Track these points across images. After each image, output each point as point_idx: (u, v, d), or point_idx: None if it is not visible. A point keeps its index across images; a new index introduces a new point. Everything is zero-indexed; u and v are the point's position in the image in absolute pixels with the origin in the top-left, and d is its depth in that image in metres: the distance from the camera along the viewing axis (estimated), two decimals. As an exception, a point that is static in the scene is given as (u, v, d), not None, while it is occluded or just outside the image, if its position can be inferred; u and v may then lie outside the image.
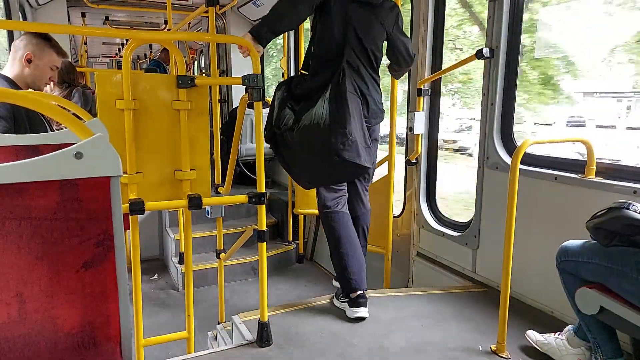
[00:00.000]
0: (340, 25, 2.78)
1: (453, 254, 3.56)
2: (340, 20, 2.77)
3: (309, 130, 2.66)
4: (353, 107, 2.68)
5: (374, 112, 2.87)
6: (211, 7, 3.47)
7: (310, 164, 2.83)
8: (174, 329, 2.97)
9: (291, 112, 2.78)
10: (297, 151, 2.82)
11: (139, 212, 2.19)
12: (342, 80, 2.70)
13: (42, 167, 1.00)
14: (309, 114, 2.71)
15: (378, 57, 2.91)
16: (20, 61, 2.51)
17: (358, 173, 2.88)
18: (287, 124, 2.77)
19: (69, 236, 1.05)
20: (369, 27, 2.83)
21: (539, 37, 3.45)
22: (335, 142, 2.61)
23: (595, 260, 1.98)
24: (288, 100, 2.82)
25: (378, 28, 2.87)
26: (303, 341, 2.54)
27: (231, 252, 3.31)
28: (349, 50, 2.77)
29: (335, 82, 2.72)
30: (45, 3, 5.42)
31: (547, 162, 2.90)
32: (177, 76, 2.33)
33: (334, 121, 2.63)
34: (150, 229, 5.60)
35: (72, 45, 8.41)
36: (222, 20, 6.67)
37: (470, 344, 2.51)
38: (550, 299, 2.79)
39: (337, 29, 2.78)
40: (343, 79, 2.71)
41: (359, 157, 2.66)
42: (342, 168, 2.72)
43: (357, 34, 2.79)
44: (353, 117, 2.65)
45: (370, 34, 2.83)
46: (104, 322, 1.10)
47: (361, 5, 2.81)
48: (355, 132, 2.65)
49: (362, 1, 2.81)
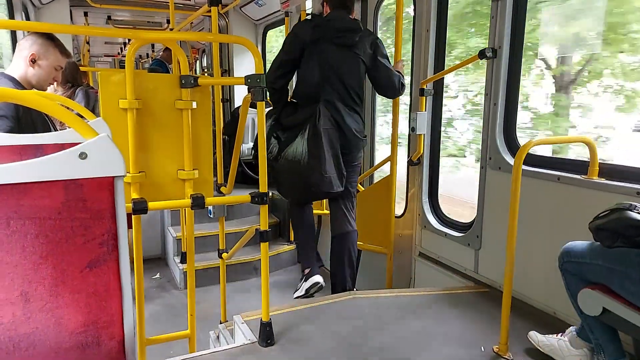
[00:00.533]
0: (319, 68, 3.12)
1: (455, 254, 3.55)
2: (319, 63, 3.11)
3: (291, 164, 3.10)
4: (328, 146, 3.08)
5: (351, 141, 3.22)
6: (214, 7, 3.47)
7: (292, 186, 3.29)
8: (176, 328, 2.97)
9: (276, 142, 3.18)
10: (280, 174, 3.24)
11: (142, 211, 2.19)
12: (318, 122, 3.06)
13: (46, 167, 1.01)
14: (291, 149, 3.13)
15: (358, 91, 3.23)
16: (24, 61, 2.50)
17: (331, 194, 3.30)
18: (272, 152, 3.18)
19: (74, 236, 1.05)
20: (346, 66, 3.14)
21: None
22: (313, 177, 3.07)
23: (598, 261, 1.98)
24: (275, 129, 3.20)
25: (356, 64, 3.17)
26: (305, 341, 2.55)
27: (233, 252, 3.32)
28: (328, 89, 3.13)
29: (312, 122, 3.07)
30: (48, 2, 5.43)
31: (550, 163, 2.90)
32: (180, 76, 2.33)
33: (311, 158, 3.05)
34: (151, 228, 5.61)
35: (75, 45, 8.42)
36: (224, 20, 6.67)
37: (472, 345, 2.51)
38: (553, 299, 2.79)
39: (316, 72, 3.12)
40: (319, 121, 3.06)
41: (332, 186, 3.12)
42: (317, 193, 3.26)
43: (336, 73, 3.12)
44: (328, 154, 3.08)
45: (348, 72, 3.15)
46: (107, 322, 1.10)
47: (338, 47, 3.12)
48: (329, 169, 3.08)
49: (338, 43, 3.11)
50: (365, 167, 4.71)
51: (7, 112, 2.34)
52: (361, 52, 3.17)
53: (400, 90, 3.34)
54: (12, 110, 2.37)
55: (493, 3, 3.08)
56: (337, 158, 3.13)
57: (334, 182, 3.11)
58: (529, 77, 3.45)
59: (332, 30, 3.10)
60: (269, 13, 6.06)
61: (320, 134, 3.05)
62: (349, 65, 3.15)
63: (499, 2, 3.04)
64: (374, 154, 4.72)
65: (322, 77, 3.12)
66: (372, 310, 2.88)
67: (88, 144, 1.04)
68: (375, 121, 4.72)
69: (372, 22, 4.44)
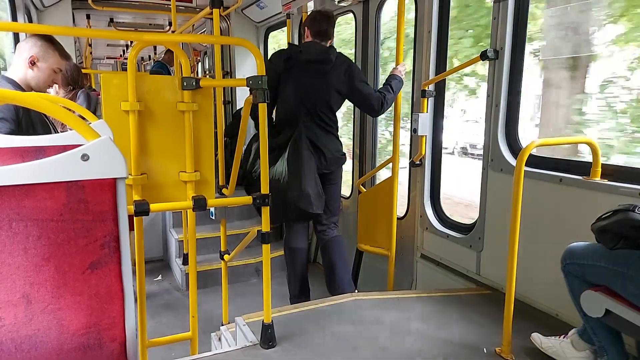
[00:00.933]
0: (294, 95, 3.32)
1: (457, 256, 3.55)
2: (294, 90, 3.31)
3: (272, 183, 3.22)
4: (307, 166, 3.26)
5: (330, 160, 3.43)
6: (215, 9, 3.47)
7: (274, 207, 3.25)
8: (177, 330, 2.97)
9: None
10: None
11: (144, 213, 2.19)
12: (298, 144, 3.27)
13: (49, 168, 1.01)
14: (272, 169, 3.30)
15: (331, 115, 3.46)
16: (24, 63, 2.51)
17: (310, 217, 3.51)
18: (256, 172, 3.34)
19: (75, 237, 1.05)
20: (319, 93, 3.34)
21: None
22: (291, 194, 3.24)
23: (600, 263, 1.97)
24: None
25: (327, 92, 3.37)
26: (307, 343, 2.54)
27: (235, 254, 3.31)
28: (304, 113, 3.33)
29: (292, 144, 3.28)
30: (50, 5, 5.45)
31: (552, 164, 2.89)
32: (182, 78, 2.33)
33: (292, 178, 3.24)
34: (153, 229, 5.61)
35: (77, 47, 8.43)
36: (226, 22, 6.68)
37: (474, 347, 2.51)
38: (555, 301, 2.78)
39: (292, 98, 3.32)
40: (299, 142, 3.27)
41: (312, 206, 3.29)
42: (298, 213, 3.36)
43: (310, 99, 3.33)
44: (308, 174, 3.26)
45: (321, 99, 3.35)
46: (109, 324, 1.10)
47: (313, 74, 3.31)
48: (309, 187, 3.25)
49: (313, 70, 3.29)
50: (367, 168, 4.71)
51: (6, 114, 2.35)
52: (335, 81, 3.35)
53: (379, 110, 3.48)
54: (12, 112, 2.38)
55: (495, 4, 3.08)
56: (316, 179, 3.33)
57: (313, 201, 3.28)
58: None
59: (304, 62, 3.32)
60: (270, 15, 6.07)
61: (299, 155, 3.26)
62: (321, 92, 3.36)
63: (501, 3, 3.04)
64: (375, 155, 4.72)
65: (298, 103, 3.34)
66: (373, 312, 2.87)
67: (90, 146, 1.04)
68: (376, 124, 4.72)
69: (374, 24, 4.45)
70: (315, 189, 3.30)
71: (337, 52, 3.43)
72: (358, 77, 3.41)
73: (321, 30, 3.35)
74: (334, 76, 3.34)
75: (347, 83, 3.37)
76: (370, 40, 4.53)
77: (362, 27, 4.59)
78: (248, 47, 2.32)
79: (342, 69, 3.36)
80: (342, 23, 5.48)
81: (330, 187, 3.52)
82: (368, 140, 4.72)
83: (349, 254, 4.62)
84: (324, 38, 3.37)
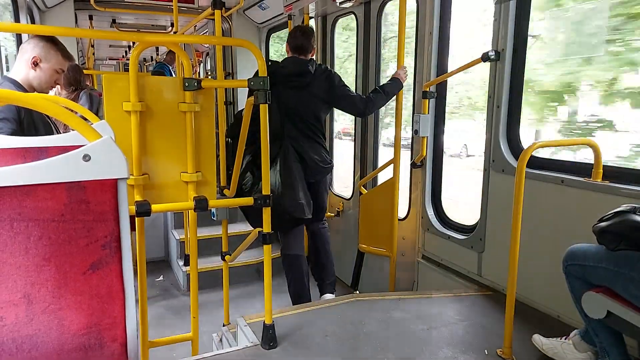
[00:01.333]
0: (279, 109, 3.45)
1: (458, 257, 3.55)
2: (278, 105, 3.42)
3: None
4: (297, 176, 3.45)
5: (315, 170, 3.59)
6: (217, 10, 3.48)
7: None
8: (178, 331, 2.98)
9: (251, 176, 3.44)
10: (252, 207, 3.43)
11: (145, 214, 2.20)
12: (286, 157, 3.45)
13: (50, 169, 1.01)
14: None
15: (317, 124, 3.59)
16: (27, 64, 2.52)
17: (302, 221, 3.65)
18: (247, 185, 3.43)
19: (77, 238, 1.05)
20: (303, 105, 3.51)
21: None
22: (287, 204, 3.39)
23: (602, 264, 1.97)
24: (251, 166, 3.43)
25: (312, 103, 3.53)
26: (308, 344, 2.54)
27: (236, 254, 3.32)
28: (290, 127, 3.51)
29: (281, 157, 3.44)
30: (53, 6, 5.46)
31: (554, 165, 2.89)
32: (184, 79, 2.34)
33: (285, 188, 3.39)
34: (154, 230, 5.62)
35: (80, 48, 8.46)
36: (227, 23, 6.69)
37: (476, 348, 2.50)
38: (557, 302, 2.77)
39: (277, 112, 3.44)
40: (287, 155, 3.45)
41: (304, 213, 3.47)
42: (291, 220, 3.53)
43: (294, 112, 3.50)
44: (299, 183, 3.44)
45: (305, 111, 3.51)
46: (110, 324, 1.10)
47: (295, 87, 3.49)
48: (301, 195, 3.43)
49: (295, 83, 3.48)
50: (368, 169, 4.71)
51: (8, 114, 2.35)
52: (316, 91, 3.52)
53: (365, 111, 3.63)
54: (14, 112, 2.38)
55: (496, 6, 3.08)
56: (305, 188, 3.53)
57: (305, 209, 3.47)
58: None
59: (284, 76, 3.49)
60: (272, 16, 6.07)
61: (290, 168, 3.43)
62: (305, 104, 3.52)
63: (502, 4, 3.03)
64: (377, 156, 4.72)
65: (283, 117, 3.50)
66: (375, 313, 2.87)
67: (92, 146, 1.04)
68: (378, 125, 4.72)
69: (376, 26, 4.45)
70: (306, 198, 3.51)
71: (316, 63, 3.62)
72: (338, 83, 3.58)
73: (298, 45, 3.56)
74: (316, 86, 3.52)
75: (329, 90, 3.55)
76: (372, 42, 4.53)
77: (364, 28, 4.60)
78: (250, 48, 2.33)
79: (322, 78, 3.55)
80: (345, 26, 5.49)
81: (316, 197, 3.68)
82: (369, 141, 4.73)
83: (351, 255, 4.63)
84: (302, 52, 3.57)
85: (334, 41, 5.24)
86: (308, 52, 3.59)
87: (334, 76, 3.60)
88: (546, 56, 3.54)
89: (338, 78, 3.61)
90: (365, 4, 4.48)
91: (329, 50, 5.23)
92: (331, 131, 5.32)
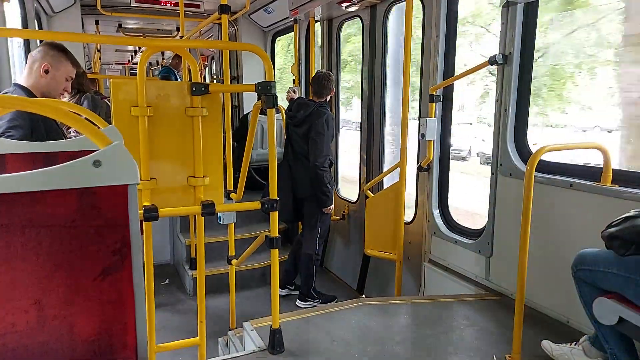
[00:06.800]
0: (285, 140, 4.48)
1: (466, 261, 3.52)
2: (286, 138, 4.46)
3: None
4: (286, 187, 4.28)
5: (300, 186, 4.32)
6: (224, 15, 3.49)
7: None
8: (185, 335, 2.97)
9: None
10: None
11: (153, 218, 2.20)
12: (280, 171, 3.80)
13: (61, 175, 1.01)
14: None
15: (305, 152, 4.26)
16: (37, 71, 2.55)
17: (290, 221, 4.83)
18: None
19: (87, 244, 1.05)
20: (296, 138, 4.32)
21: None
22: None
23: (612, 269, 1.95)
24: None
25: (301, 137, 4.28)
26: (314, 348, 2.53)
27: (243, 258, 3.31)
28: (289, 152, 4.44)
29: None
30: (60, 11, 5.51)
31: (562, 169, 2.87)
32: (192, 83, 2.34)
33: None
34: (161, 234, 5.62)
35: (86, 52, 8.52)
36: (233, 27, 6.72)
37: (483, 353, 2.48)
38: (566, 308, 2.75)
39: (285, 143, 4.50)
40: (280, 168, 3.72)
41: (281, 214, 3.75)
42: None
43: (292, 144, 4.39)
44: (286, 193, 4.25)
45: (297, 142, 4.32)
46: (121, 329, 1.10)
47: (293, 126, 4.34)
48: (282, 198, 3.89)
49: (294, 125, 4.33)
50: (374, 173, 4.70)
51: (19, 120, 2.37)
52: (305, 130, 4.24)
53: (314, 162, 4.19)
54: (25, 118, 2.40)
55: (503, 9, 3.07)
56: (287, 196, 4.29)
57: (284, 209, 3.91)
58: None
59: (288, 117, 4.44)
60: (277, 20, 6.09)
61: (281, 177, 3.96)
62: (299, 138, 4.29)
63: (510, 8, 3.02)
64: (383, 160, 4.71)
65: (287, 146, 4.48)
66: (381, 317, 2.86)
67: (102, 152, 1.04)
68: (384, 128, 4.72)
69: (382, 28, 4.45)
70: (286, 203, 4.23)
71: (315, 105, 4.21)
72: (316, 124, 4.14)
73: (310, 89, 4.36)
74: (305, 125, 4.22)
75: (310, 129, 4.18)
76: (378, 45, 4.53)
77: (370, 32, 4.60)
78: (257, 52, 2.33)
79: (308, 120, 4.18)
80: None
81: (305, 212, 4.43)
82: (375, 145, 4.72)
83: (356, 259, 4.62)
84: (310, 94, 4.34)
85: (340, 45, 5.25)
86: (315, 94, 4.28)
87: (313, 122, 4.16)
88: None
89: (315, 122, 4.14)
90: (371, 7, 4.48)
91: (335, 54, 5.23)
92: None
